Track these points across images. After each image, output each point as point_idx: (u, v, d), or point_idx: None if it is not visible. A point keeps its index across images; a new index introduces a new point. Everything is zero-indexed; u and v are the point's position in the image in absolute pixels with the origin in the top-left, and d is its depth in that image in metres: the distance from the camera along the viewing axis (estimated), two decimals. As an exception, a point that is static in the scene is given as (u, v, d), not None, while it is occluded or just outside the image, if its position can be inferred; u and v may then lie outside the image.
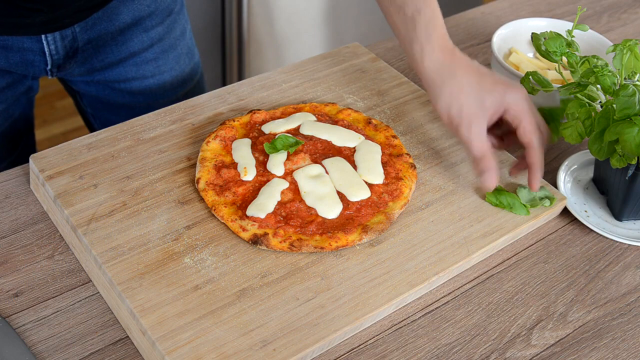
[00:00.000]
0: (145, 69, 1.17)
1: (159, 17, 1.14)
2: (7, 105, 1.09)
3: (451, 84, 0.89)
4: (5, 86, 1.07)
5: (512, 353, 0.81)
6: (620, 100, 0.86)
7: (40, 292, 0.82)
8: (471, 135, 0.89)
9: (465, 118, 0.89)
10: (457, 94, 0.89)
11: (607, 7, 1.43)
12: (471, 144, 0.89)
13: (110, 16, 1.08)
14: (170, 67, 1.20)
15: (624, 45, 0.93)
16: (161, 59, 1.18)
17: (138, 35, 1.13)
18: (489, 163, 0.89)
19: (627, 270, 0.91)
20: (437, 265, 0.85)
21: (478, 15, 1.37)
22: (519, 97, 0.89)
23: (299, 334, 0.77)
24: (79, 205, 0.87)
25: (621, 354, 0.82)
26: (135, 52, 1.14)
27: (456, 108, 0.89)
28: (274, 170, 0.92)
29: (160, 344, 0.74)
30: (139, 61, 1.16)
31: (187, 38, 1.24)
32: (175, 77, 1.21)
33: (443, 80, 0.90)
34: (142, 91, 1.19)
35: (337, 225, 0.87)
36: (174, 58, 1.20)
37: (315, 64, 1.13)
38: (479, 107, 0.88)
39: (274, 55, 2.27)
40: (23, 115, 1.14)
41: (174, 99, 1.22)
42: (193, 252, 0.84)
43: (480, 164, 0.90)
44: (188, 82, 1.25)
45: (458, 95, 0.89)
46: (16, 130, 1.14)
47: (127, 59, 1.14)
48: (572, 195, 0.99)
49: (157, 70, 1.18)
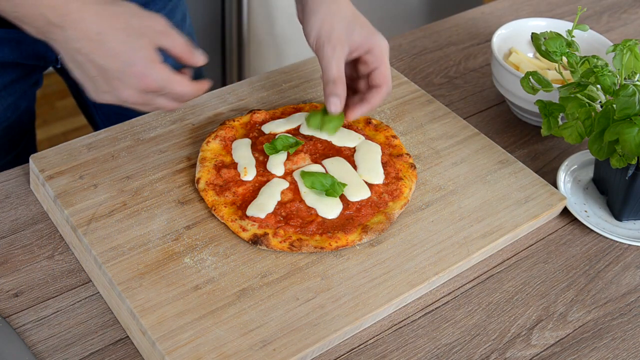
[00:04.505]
0: None
1: (161, 2, 1.17)
2: (16, 97, 1.10)
3: (329, 5, 0.92)
4: (16, 79, 1.09)
5: (512, 353, 0.81)
6: (620, 100, 0.86)
7: (40, 292, 0.82)
8: (333, 57, 0.90)
9: (333, 39, 0.91)
10: (331, 17, 0.91)
11: (607, 7, 1.43)
12: (330, 64, 0.91)
13: None
14: None
15: (624, 45, 0.93)
16: None
17: None
18: (339, 89, 0.91)
19: (627, 270, 0.91)
20: (437, 265, 0.85)
21: (478, 15, 1.37)
22: (383, 44, 0.92)
23: (299, 334, 0.77)
24: (79, 205, 0.87)
25: (621, 354, 0.82)
26: None
27: (327, 29, 0.91)
28: (274, 170, 0.92)
29: (160, 344, 0.74)
30: None
31: (187, 24, 1.26)
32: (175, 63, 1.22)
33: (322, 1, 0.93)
34: None
35: (337, 225, 0.87)
36: None
37: (315, 64, 1.13)
38: (348, 35, 0.91)
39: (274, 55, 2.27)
40: (29, 109, 1.16)
41: None
42: (193, 252, 0.84)
43: (331, 87, 0.91)
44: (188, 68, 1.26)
45: (332, 18, 0.91)
46: (22, 123, 1.15)
47: None
48: (572, 195, 0.99)
49: None
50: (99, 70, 0.80)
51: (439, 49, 1.27)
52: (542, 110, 0.95)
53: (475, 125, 1.09)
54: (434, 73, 1.21)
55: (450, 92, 1.18)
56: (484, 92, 1.18)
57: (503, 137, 1.09)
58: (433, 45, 1.28)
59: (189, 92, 0.84)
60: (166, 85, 0.81)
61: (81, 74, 0.82)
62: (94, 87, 0.82)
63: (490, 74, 1.22)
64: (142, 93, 0.81)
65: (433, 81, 1.20)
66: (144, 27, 0.81)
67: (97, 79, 0.81)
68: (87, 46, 0.79)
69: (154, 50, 0.81)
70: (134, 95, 0.81)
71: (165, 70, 0.81)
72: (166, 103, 0.85)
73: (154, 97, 0.83)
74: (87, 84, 0.82)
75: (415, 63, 1.23)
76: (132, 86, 0.80)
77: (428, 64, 1.23)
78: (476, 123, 1.11)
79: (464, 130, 1.04)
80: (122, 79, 0.80)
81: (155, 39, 0.82)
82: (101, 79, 0.81)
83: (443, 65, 1.24)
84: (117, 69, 0.79)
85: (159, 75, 0.81)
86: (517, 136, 1.10)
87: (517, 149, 1.07)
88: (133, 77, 0.80)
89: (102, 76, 0.80)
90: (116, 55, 0.79)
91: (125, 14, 0.80)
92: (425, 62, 1.23)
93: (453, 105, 1.14)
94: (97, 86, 0.82)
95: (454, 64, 1.24)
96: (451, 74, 1.22)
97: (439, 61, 1.25)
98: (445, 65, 1.24)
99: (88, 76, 0.81)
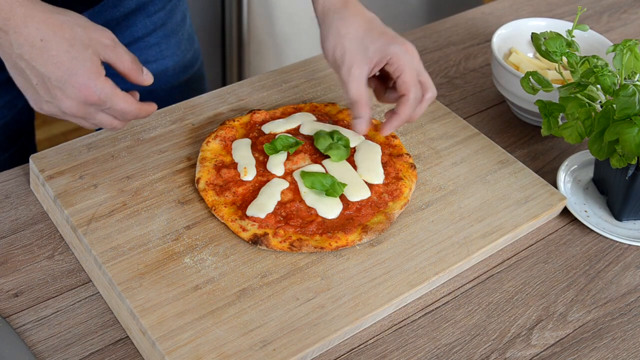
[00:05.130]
0: (148, 54, 1.19)
1: (161, 2, 1.17)
2: (12, 96, 1.10)
3: (339, 27, 0.91)
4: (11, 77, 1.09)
5: (512, 353, 0.81)
6: (620, 100, 0.86)
7: (40, 292, 0.82)
8: (350, 78, 0.90)
9: (347, 61, 0.90)
10: (343, 37, 0.91)
11: (607, 7, 1.43)
12: (348, 85, 0.90)
13: (115, 1, 1.10)
14: (172, 52, 1.22)
15: (624, 45, 0.93)
16: (163, 43, 1.20)
17: (142, 21, 1.16)
18: (363, 110, 0.90)
19: (627, 270, 0.91)
20: (437, 265, 0.85)
21: (478, 15, 1.37)
22: (401, 50, 0.90)
23: (299, 334, 0.77)
24: (79, 205, 0.87)
25: (621, 354, 0.82)
26: (139, 37, 1.17)
27: (340, 50, 0.91)
28: (274, 170, 0.92)
29: (160, 344, 0.74)
30: (143, 46, 1.18)
31: (188, 24, 1.27)
32: (177, 62, 1.24)
33: (332, 21, 0.92)
34: None
35: (337, 225, 0.87)
36: (175, 43, 1.23)
37: (315, 64, 1.13)
38: (362, 53, 0.90)
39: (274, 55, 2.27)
40: (26, 107, 1.16)
41: (175, 85, 1.24)
42: (193, 252, 0.84)
43: (354, 108, 0.91)
44: (189, 68, 1.28)
45: (343, 38, 0.91)
46: (19, 121, 1.15)
47: (131, 44, 1.17)
48: (572, 195, 0.99)
49: (160, 55, 1.21)
50: (40, 79, 0.77)
51: (439, 49, 1.27)
52: (542, 110, 0.95)
53: (475, 125, 1.09)
54: (434, 73, 1.21)
55: (450, 92, 1.18)
56: (484, 92, 1.18)
57: (503, 137, 1.09)
58: (433, 45, 1.28)
59: (132, 110, 0.81)
60: (108, 99, 0.79)
61: (23, 82, 0.80)
62: (35, 95, 0.80)
63: (490, 74, 1.22)
64: (83, 105, 0.79)
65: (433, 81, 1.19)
66: (90, 39, 0.79)
67: (38, 87, 0.78)
68: (29, 52, 0.76)
69: (98, 63, 0.79)
70: (74, 107, 0.78)
71: (108, 84, 0.79)
72: (108, 119, 0.82)
73: (95, 111, 0.80)
74: (28, 93, 0.80)
75: (415, 63, 1.23)
76: (73, 97, 0.78)
77: (428, 64, 1.23)
78: (476, 123, 1.11)
79: (464, 130, 1.04)
80: (63, 88, 0.77)
81: (101, 51, 0.79)
82: (42, 88, 0.78)
83: (443, 65, 1.24)
84: (58, 77, 0.77)
85: (102, 88, 0.78)
86: (517, 136, 1.10)
87: (517, 149, 1.07)
88: (74, 88, 0.77)
89: (43, 85, 0.78)
90: (58, 63, 0.76)
91: (71, 24, 0.79)
92: (425, 62, 1.23)
93: (453, 105, 1.14)
94: (38, 95, 0.79)
95: (454, 64, 1.24)
96: (451, 74, 1.22)
97: (439, 61, 1.25)
98: (445, 65, 1.24)
99: (29, 84, 0.79)
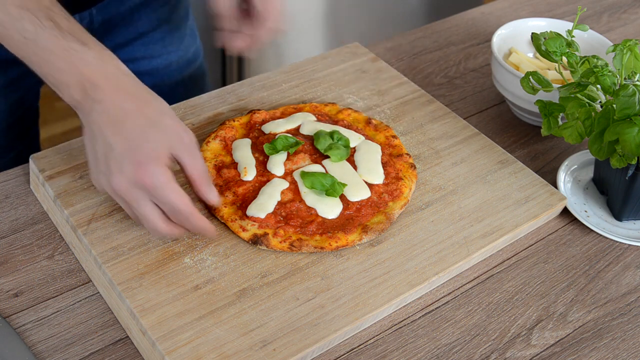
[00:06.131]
0: (153, 49, 1.20)
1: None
2: (21, 94, 1.11)
3: None
4: (21, 75, 1.10)
5: (512, 353, 0.81)
6: (620, 100, 0.86)
7: (40, 292, 0.82)
8: None
9: None
10: None
11: (607, 7, 1.43)
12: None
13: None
14: (176, 47, 1.23)
15: (624, 45, 0.93)
16: (167, 38, 1.21)
17: (147, 15, 1.16)
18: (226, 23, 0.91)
19: (627, 270, 0.91)
20: (437, 265, 0.85)
21: (478, 15, 1.37)
22: None
23: (299, 334, 0.77)
24: (79, 205, 0.87)
25: (621, 354, 0.82)
26: (144, 32, 1.18)
27: None
28: (274, 170, 0.92)
29: (160, 344, 0.74)
30: (147, 41, 1.19)
31: (190, 19, 1.28)
32: (180, 57, 1.25)
33: None
34: (149, 71, 1.22)
35: (337, 225, 0.87)
36: (179, 38, 1.24)
37: (315, 64, 1.13)
38: None
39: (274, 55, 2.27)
40: (33, 106, 1.17)
41: (179, 80, 1.25)
42: (193, 252, 0.84)
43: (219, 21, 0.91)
44: (192, 63, 1.29)
45: None
46: (26, 120, 1.16)
47: (136, 39, 1.18)
48: (572, 195, 0.99)
49: (164, 50, 1.22)
50: (105, 148, 0.75)
51: (439, 49, 1.27)
52: (542, 110, 0.95)
53: (475, 125, 1.09)
54: (434, 73, 1.21)
55: (450, 92, 1.18)
56: (484, 92, 1.18)
57: (503, 137, 1.09)
58: (433, 45, 1.28)
59: (183, 209, 0.75)
60: (160, 187, 0.74)
61: (90, 149, 0.77)
62: (95, 165, 0.77)
63: (490, 74, 1.22)
64: (133, 185, 0.74)
65: (433, 81, 1.20)
66: (172, 130, 0.76)
67: (99, 156, 0.76)
68: (105, 120, 0.74)
69: (167, 153, 0.75)
70: (123, 185, 0.74)
71: (166, 173, 0.74)
72: (154, 214, 0.76)
73: (143, 198, 0.75)
74: (90, 161, 0.78)
75: (415, 63, 1.23)
76: (126, 173, 0.74)
77: (428, 64, 1.23)
78: (476, 123, 1.11)
79: (464, 130, 1.04)
80: (121, 162, 0.74)
81: (177, 147, 0.76)
82: (102, 158, 0.75)
83: (443, 65, 1.24)
84: (121, 150, 0.74)
85: (158, 173, 0.74)
86: (517, 136, 1.10)
87: (517, 149, 1.07)
88: (131, 164, 0.73)
89: (105, 155, 0.75)
90: (127, 137, 0.74)
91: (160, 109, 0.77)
92: (425, 62, 1.23)
93: (453, 105, 1.14)
94: (97, 165, 0.77)
95: (454, 64, 1.24)
96: (451, 74, 1.22)
97: (439, 61, 1.25)
98: (445, 65, 1.24)
99: (94, 153, 0.76)
